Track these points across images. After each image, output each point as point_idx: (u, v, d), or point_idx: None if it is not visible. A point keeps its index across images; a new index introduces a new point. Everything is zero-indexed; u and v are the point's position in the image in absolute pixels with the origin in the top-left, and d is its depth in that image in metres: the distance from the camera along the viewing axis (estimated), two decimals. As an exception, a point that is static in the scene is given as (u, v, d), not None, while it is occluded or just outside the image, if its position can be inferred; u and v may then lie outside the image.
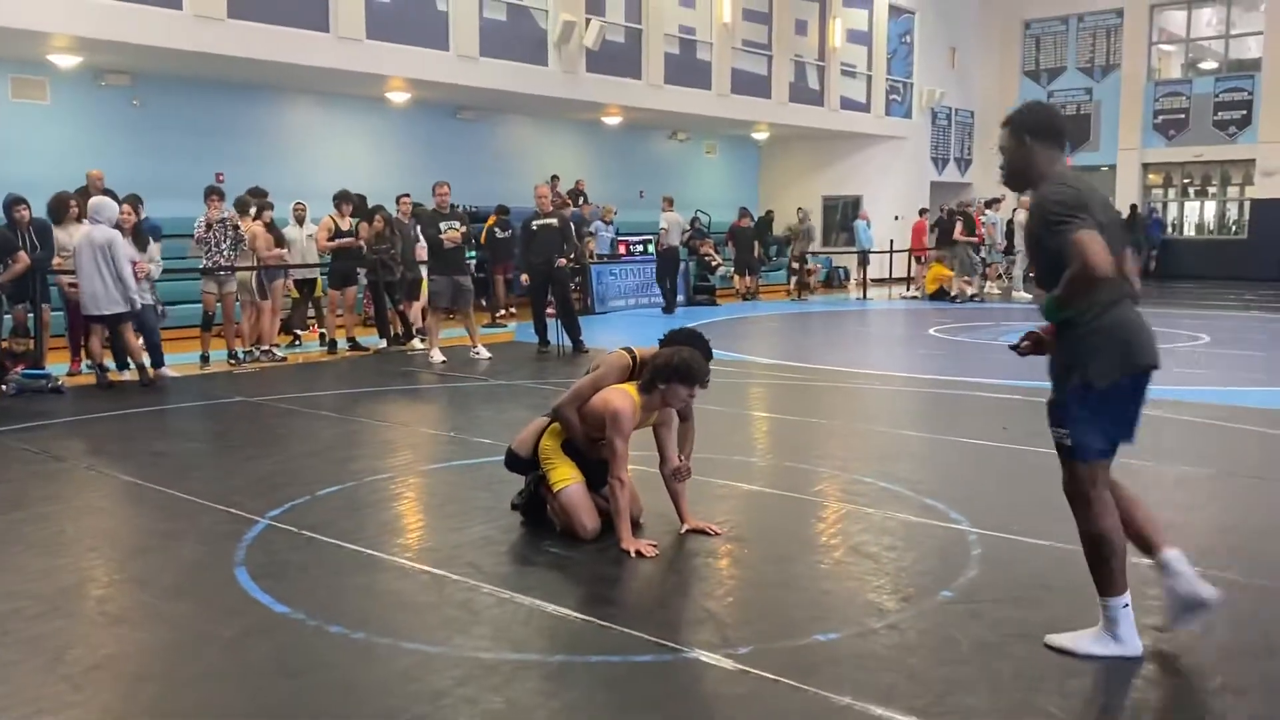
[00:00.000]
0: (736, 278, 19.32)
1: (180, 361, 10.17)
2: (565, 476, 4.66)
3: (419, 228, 12.12)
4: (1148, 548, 3.46)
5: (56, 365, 9.49)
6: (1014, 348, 3.52)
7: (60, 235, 9.61)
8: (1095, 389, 3.26)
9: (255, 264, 10.67)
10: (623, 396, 4.57)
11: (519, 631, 3.65)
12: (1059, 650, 3.40)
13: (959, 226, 18.26)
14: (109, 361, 9.45)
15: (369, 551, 4.50)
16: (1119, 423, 3.34)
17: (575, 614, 3.78)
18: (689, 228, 18.70)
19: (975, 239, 18.43)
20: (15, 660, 3.40)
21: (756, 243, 19.59)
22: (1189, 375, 9.82)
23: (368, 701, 3.12)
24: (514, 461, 4.96)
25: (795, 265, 20.02)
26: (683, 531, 4.70)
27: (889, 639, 3.59)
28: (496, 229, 14.95)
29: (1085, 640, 3.39)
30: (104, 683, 3.26)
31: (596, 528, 4.61)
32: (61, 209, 9.83)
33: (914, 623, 3.72)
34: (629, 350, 4.88)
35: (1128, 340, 3.27)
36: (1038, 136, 3.39)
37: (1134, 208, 24.49)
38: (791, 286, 19.80)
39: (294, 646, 3.54)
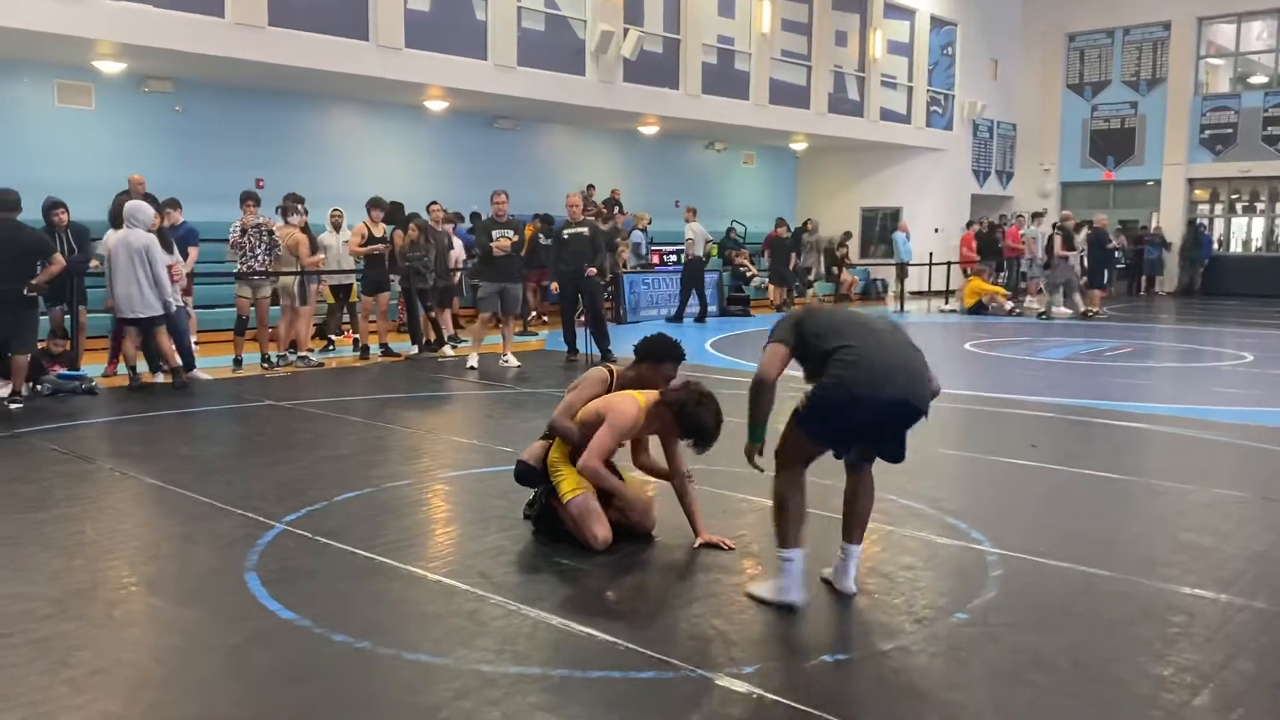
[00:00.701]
0: (771, 288, 19.24)
1: (213, 365, 10.28)
2: (574, 486, 4.63)
3: (451, 235, 12.18)
4: (846, 534, 4.12)
5: (92, 366, 9.62)
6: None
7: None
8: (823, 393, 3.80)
9: (298, 269, 10.77)
10: (630, 401, 4.54)
11: (523, 644, 3.61)
12: (757, 599, 3.97)
13: (1059, 241, 18.02)
14: (141, 364, 9.56)
15: (381, 559, 4.49)
16: (840, 428, 3.86)
17: (580, 627, 3.74)
18: (710, 238, 18.64)
19: (1067, 254, 18.05)
20: (20, 661, 3.41)
21: (793, 254, 19.50)
22: (1230, 395, 9.61)
23: (364, 713, 3.10)
24: (525, 473, 4.94)
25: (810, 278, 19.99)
26: (695, 545, 4.65)
27: (898, 661, 3.51)
28: (540, 235, 14.98)
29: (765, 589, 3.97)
30: (106, 687, 3.26)
31: (608, 537, 4.57)
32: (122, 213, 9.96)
33: (925, 645, 3.64)
34: (607, 367, 5.02)
35: (858, 374, 3.73)
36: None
37: (1191, 222, 24.14)
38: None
39: (297, 654, 3.53)
